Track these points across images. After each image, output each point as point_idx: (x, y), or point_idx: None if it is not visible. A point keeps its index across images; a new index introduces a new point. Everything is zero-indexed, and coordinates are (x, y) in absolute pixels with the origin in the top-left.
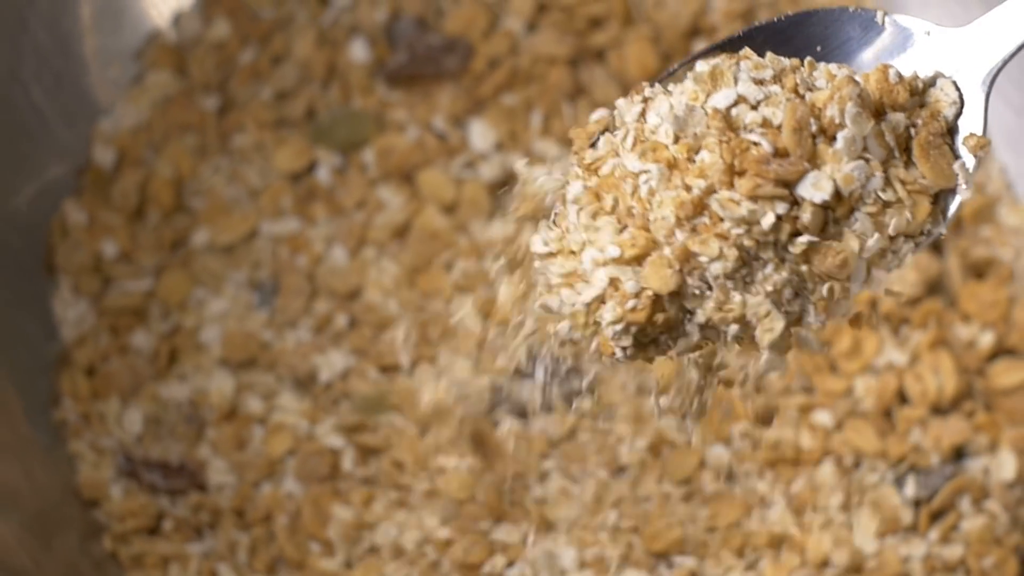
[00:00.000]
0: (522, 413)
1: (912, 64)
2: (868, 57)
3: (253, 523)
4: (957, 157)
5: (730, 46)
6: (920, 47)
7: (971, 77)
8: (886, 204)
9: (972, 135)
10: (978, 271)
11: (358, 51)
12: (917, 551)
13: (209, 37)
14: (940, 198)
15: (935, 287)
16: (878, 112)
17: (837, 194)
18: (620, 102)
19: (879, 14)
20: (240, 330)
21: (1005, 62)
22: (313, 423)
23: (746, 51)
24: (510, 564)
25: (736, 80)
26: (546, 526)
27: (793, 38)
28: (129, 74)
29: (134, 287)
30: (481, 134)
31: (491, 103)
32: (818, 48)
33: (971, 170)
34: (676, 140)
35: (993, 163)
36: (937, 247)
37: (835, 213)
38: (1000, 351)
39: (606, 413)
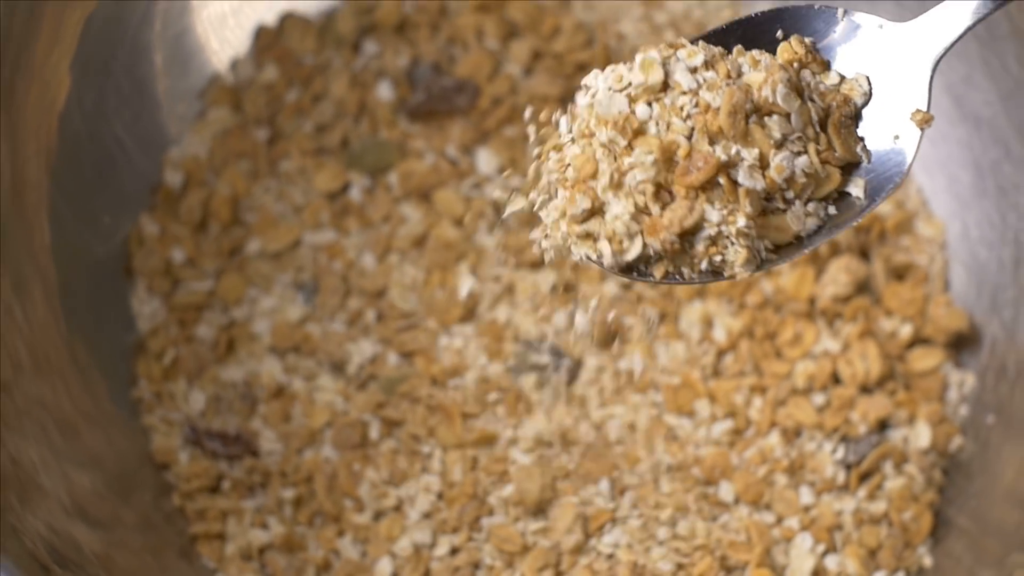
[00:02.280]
0: (541, 372)
1: (867, 51)
2: (831, 46)
3: (297, 483)
4: (860, 139)
5: (713, 37)
6: (874, 38)
7: (919, 62)
8: (807, 175)
9: (918, 111)
10: (899, 274)
11: (384, 91)
12: (848, 506)
13: (260, 80)
14: (847, 170)
15: (863, 287)
16: (800, 92)
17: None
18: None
19: (840, 11)
20: (286, 323)
21: (947, 50)
22: (347, 400)
23: (680, 40)
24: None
25: (666, 71)
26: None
27: (767, 31)
28: (194, 110)
29: (198, 287)
30: (486, 160)
31: (495, 134)
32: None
33: (916, 143)
34: (601, 121)
35: (912, 184)
36: (864, 254)
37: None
38: (917, 340)
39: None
